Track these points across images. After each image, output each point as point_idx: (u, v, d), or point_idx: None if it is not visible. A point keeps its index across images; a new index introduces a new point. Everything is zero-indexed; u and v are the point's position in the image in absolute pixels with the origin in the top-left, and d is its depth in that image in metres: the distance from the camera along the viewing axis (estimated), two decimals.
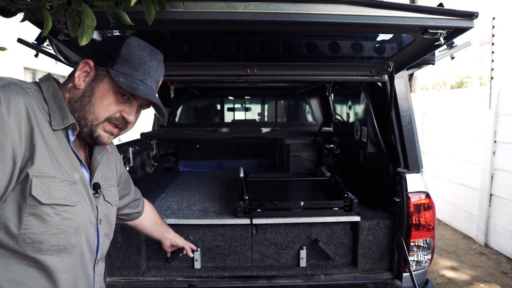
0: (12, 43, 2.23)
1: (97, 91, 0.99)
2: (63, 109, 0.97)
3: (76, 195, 0.97)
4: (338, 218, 2.07)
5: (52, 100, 0.97)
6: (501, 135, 4.21)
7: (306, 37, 2.01)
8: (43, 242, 0.90)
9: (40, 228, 0.89)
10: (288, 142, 3.38)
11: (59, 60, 2.15)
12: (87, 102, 0.99)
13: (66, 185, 0.94)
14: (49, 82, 1.00)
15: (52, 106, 0.96)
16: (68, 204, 0.94)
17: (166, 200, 2.46)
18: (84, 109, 0.99)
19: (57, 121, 0.95)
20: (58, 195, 0.91)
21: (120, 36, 1.06)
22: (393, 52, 1.97)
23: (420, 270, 2.05)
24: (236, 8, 1.28)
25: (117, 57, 1.00)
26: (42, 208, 0.88)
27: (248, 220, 2.04)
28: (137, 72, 1.01)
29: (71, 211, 0.95)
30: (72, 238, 0.96)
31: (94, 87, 0.99)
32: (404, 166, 2.03)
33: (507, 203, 4.12)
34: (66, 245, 0.95)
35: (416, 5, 1.38)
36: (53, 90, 0.99)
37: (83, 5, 0.93)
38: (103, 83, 1.00)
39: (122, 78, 0.98)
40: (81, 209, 0.98)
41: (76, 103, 1.00)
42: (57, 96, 0.98)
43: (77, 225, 0.97)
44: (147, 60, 1.03)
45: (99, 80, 1.00)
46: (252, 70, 2.06)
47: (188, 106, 4.75)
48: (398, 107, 2.08)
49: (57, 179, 0.92)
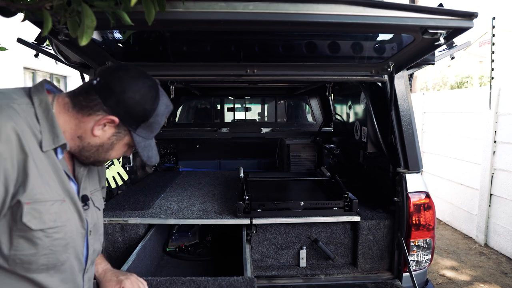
0: (12, 43, 2.23)
1: (116, 146, 1.06)
2: (55, 128, 0.95)
3: (65, 213, 0.97)
4: (338, 218, 2.07)
5: (43, 117, 0.94)
6: (501, 135, 4.21)
7: (306, 37, 2.01)
8: (32, 263, 0.91)
9: (30, 250, 0.90)
10: (288, 142, 3.38)
11: (59, 60, 2.15)
12: (104, 151, 1.05)
13: (56, 206, 0.94)
14: (42, 96, 0.97)
15: (43, 124, 0.94)
16: (58, 225, 0.94)
17: (166, 200, 2.46)
18: (99, 155, 1.06)
19: (47, 142, 0.94)
20: (49, 219, 0.92)
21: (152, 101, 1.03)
22: (393, 52, 1.97)
23: (420, 270, 2.05)
24: (236, 8, 1.28)
25: (143, 123, 1.04)
26: (33, 233, 0.89)
27: (248, 220, 2.04)
28: (152, 134, 1.09)
29: (61, 231, 0.95)
30: (62, 255, 0.97)
31: (114, 143, 1.05)
32: (404, 166, 2.03)
33: (507, 203, 4.12)
34: (56, 263, 0.96)
35: (416, 5, 1.38)
36: (45, 106, 0.95)
37: (83, 5, 0.93)
38: (123, 141, 1.06)
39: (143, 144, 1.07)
40: (70, 226, 0.99)
41: (92, 148, 1.04)
42: (49, 114, 0.95)
43: (66, 242, 0.98)
44: (163, 122, 1.10)
45: (120, 137, 1.05)
46: (252, 70, 2.06)
47: (188, 106, 4.75)
48: (398, 107, 2.08)
49: (48, 202, 0.92)
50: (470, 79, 17.07)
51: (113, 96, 0.98)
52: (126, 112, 1.00)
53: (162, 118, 1.07)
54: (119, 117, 1.00)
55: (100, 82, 1.00)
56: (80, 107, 0.99)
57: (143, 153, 1.07)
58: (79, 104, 0.99)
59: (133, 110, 1.01)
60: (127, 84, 1.00)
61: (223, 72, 2.12)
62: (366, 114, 2.43)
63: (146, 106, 1.02)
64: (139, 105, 1.00)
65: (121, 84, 0.99)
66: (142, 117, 1.02)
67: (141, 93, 1.00)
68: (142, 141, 1.06)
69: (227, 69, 2.10)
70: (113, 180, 2.56)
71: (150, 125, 1.05)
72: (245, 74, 2.08)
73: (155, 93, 1.03)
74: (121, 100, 0.99)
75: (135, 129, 1.03)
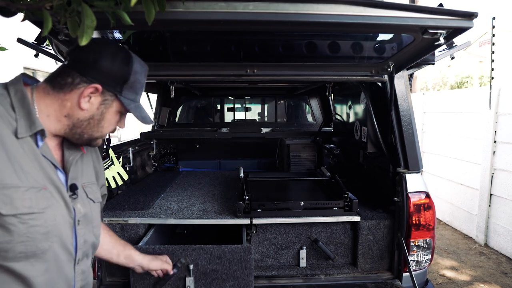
0: (12, 43, 2.23)
1: (106, 115, 1.07)
2: (31, 115, 0.96)
3: (45, 200, 0.96)
4: (338, 218, 2.07)
5: (19, 106, 0.95)
6: (501, 135, 4.21)
7: (306, 37, 2.01)
8: (8, 250, 0.90)
9: (5, 237, 0.89)
10: (288, 142, 3.38)
11: (59, 60, 2.15)
12: (96, 123, 1.06)
13: (32, 192, 0.93)
14: (18, 87, 0.98)
15: (19, 112, 0.95)
16: (34, 211, 0.93)
17: (166, 200, 2.46)
18: (92, 129, 1.06)
19: (23, 128, 0.94)
20: (22, 204, 0.90)
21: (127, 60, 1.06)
22: (393, 52, 1.97)
23: (420, 270, 2.05)
24: (236, 8, 1.28)
25: (125, 84, 1.06)
26: (4, 218, 0.88)
27: (248, 220, 2.04)
28: (138, 95, 1.11)
29: (39, 218, 0.94)
30: (42, 243, 0.96)
31: (104, 111, 1.06)
32: (404, 166, 2.04)
33: (507, 203, 4.12)
34: (35, 251, 0.95)
35: (416, 5, 1.38)
36: (21, 94, 0.97)
37: (83, 5, 0.93)
38: (112, 108, 1.07)
39: (133, 105, 1.08)
40: (52, 213, 0.98)
41: (83, 123, 1.04)
42: (24, 102, 0.96)
43: (47, 230, 0.96)
44: (144, 81, 1.13)
45: (108, 104, 1.06)
46: (252, 70, 2.06)
47: (188, 106, 4.75)
48: (398, 107, 2.08)
49: (21, 188, 0.91)
50: (470, 79, 17.07)
51: (88, 67, 1.01)
52: (106, 77, 1.02)
53: (141, 76, 1.10)
54: (101, 84, 1.02)
55: (72, 59, 1.03)
56: (60, 87, 1.01)
57: (136, 114, 1.09)
58: (58, 84, 1.01)
59: (112, 73, 1.03)
60: (97, 51, 1.03)
61: (223, 72, 2.12)
62: (366, 114, 2.43)
63: (123, 66, 1.05)
64: (115, 67, 1.04)
65: (91, 53, 1.02)
66: (122, 77, 1.05)
67: (113, 56, 1.03)
68: (131, 103, 1.08)
69: (227, 69, 2.10)
70: (113, 180, 2.56)
71: (133, 85, 1.07)
72: (245, 74, 2.08)
73: (126, 53, 1.07)
74: (97, 67, 1.01)
75: (120, 92, 1.05)
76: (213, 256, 1.83)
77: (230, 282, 1.84)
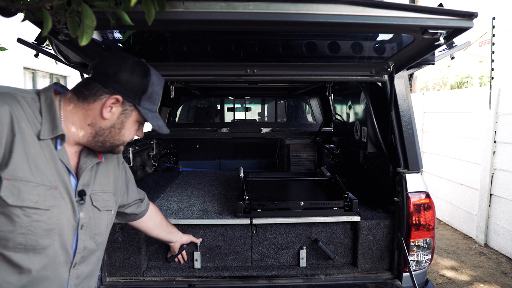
0: (12, 43, 2.23)
1: (126, 124, 1.15)
2: (55, 121, 1.04)
3: (53, 199, 1.01)
4: (338, 218, 2.07)
5: (46, 111, 1.04)
6: (501, 135, 4.21)
7: (306, 37, 2.01)
8: (9, 240, 0.95)
9: (8, 226, 0.94)
10: (288, 142, 3.38)
11: (59, 60, 2.15)
12: (117, 132, 1.14)
13: (41, 189, 0.99)
14: (48, 94, 1.07)
15: (45, 117, 1.03)
16: (39, 207, 0.98)
17: (166, 200, 2.46)
18: (114, 137, 1.14)
19: (46, 131, 1.02)
20: (29, 198, 0.96)
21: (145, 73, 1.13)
22: (393, 52, 1.97)
23: (420, 270, 2.05)
24: (236, 8, 1.28)
25: (143, 95, 1.13)
26: (10, 208, 0.93)
27: (248, 220, 2.04)
28: (155, 105, 1.18)
29: (43, 214, 0.99)
30: (43, 239, 1.00)
31: (124, 121, 1.14)
32: (404, 166, 2.03)
33: (507, 203, 4.12)
34: (35, 245, 0.99)
35: (416, 5, 1.37)
36: (50, 101, 1.05)
37: (83, 5, 0.93)
38: (132, 117, 1.15)
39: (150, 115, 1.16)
40: (57, 213, 1.03)
41: (105, 132, 1.12)
42: (51, 108, 1.05)
43: (50, 227, 1.01)
44: (160, 92, 1.20)
45: (128, 114, 1.14)
46: (252, 70, 2.06)
47: (188, 106, 4.75)
48: (398, 107, 2.08)
49: (32, 183, 0.97)
50: (470, 79, 17.07)
51: (110, 78, 1.08)
52: (126, 89, 1.10)
53: (158, 87, 1.17)
54: (121, 95, 1.10)
55: (95, 71, 1.11)
56: (84, 97, 1.09)
57: (153, 123, 1.17)
58: (82, 95, 1.09)
59: (131, 85, 1.11)
60: (118, 64, 1.10)
61: (223, 72, 2.12)
62: (366, 114, 2.43)
63: (141, 79, 1.12)
64: (134, 79, 1.11)
65: (113, 66, 1.10)
66: (140, 89, 1.12)
67: (132, 69, 1.11)
68: (149, 113, 1.16)
69: (227, 69, 2.10)
70: None
71: (150, 95, 1.15)
72: (245, 74, 2.08)
73: (144, 67, 1.14)
74: (117, 79, 1.09)
75: (139, 102, 1.13)
76: (217, 233, 2.07)
77: (231, 256, 2.09)
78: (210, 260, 2.10)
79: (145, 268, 2.07)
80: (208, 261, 2.10)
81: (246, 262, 2.11)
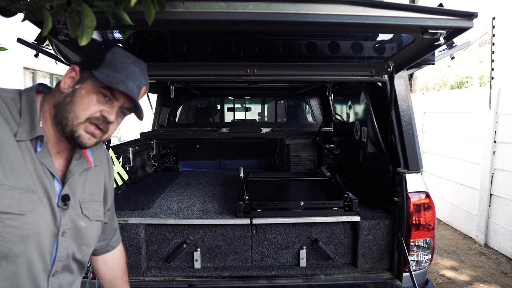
0: (12, 43, 2.23)
1: (78, 91, 1.02)
2: (33, 121, 0.99)
3: (30, 204, 0.94)
4: (338, 218, 2.07)
5: (26, 112, 0.99)
6: (501, 135, 4.21)
7: (306, 37, 2.01)
8: None
9: None
10: (288, 142, 3.38)
11: (59, 60, 2.15)
12: (68, 102, 1.02)
13: (16, 193, 0.92)
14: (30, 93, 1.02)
15: (24, 117, 0.98)
16: (13, 212, 0.91)
17: (166, 200, 2.46)
18: (65, 109, 1.01)
19: (25, 132, 0.97)
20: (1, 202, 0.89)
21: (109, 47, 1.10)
22: (393, 52, 1.97)
23: (420, 270, 2.05)
24: (236, 8, 1.28)
25: (102, 62, 1.03)
26: None
27: (248, 220, 2.04)
28: (119, 74, 1.04)
29: (17, 220, 0.92)
30: (16, 246, 0.93)
31: (76, 88, 1.03)
32: (404, 166, 2.03)
33: (507, 203, 4.12)
34: (7, 253, 0.92)
35: (416, 5, 1.38)
36: (30, 101, 1.01)
37: (83, 5, 0.93)
38: (86, 84, 1.03)
39: (111, 79, 1.02)
40: (33, 218, 0.95)
41: (59, 105, 1.02)
42: (31, 108, 1.00)
43: (24, 234, 0.94)
44: (129, 65, 1.07)
45: (82, 82, 1.03)
46: (252, 70, 2.06)
47: (188, 106, 4.75)
48: (398, 107, 2.08)
49: (5, 186, 0.90)
50: (470, 79, 17.06)
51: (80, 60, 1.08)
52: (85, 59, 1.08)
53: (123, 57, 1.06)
54: (79, 65, 1.05)
55: None
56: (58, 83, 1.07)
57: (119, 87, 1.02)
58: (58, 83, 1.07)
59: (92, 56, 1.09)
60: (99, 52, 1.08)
61: (223, 72, 2.12)
62: (366, 114, 2.43)
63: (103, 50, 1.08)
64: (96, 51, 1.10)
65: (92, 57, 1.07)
66: (100, 56, 1.04)
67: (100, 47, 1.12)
68: (108, 77, 1.01)
69: (227, 69, 2.10)
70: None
71: (110, 62, 1.03)
72: (245, 74, 2.08)
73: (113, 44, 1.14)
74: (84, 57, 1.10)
75: (95, 68, 1.02)
76: (217, 233, 2.07)
77: (231, 256, 2.09)
78: (210, 260, 2.10)
79: (145, 268, 2.07)
80: (208, 261, 2.10)
81: (246, 262, 2.11)
